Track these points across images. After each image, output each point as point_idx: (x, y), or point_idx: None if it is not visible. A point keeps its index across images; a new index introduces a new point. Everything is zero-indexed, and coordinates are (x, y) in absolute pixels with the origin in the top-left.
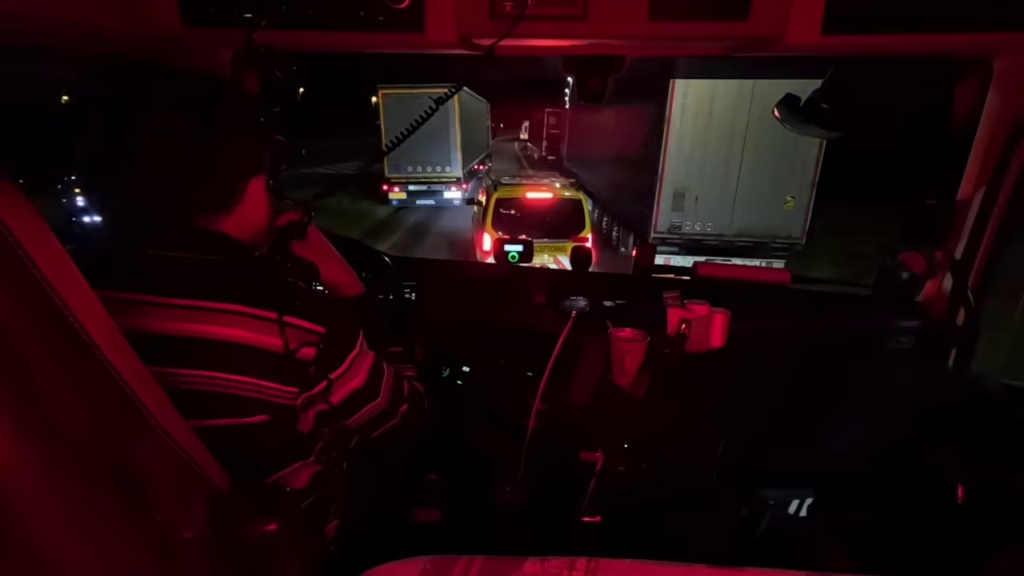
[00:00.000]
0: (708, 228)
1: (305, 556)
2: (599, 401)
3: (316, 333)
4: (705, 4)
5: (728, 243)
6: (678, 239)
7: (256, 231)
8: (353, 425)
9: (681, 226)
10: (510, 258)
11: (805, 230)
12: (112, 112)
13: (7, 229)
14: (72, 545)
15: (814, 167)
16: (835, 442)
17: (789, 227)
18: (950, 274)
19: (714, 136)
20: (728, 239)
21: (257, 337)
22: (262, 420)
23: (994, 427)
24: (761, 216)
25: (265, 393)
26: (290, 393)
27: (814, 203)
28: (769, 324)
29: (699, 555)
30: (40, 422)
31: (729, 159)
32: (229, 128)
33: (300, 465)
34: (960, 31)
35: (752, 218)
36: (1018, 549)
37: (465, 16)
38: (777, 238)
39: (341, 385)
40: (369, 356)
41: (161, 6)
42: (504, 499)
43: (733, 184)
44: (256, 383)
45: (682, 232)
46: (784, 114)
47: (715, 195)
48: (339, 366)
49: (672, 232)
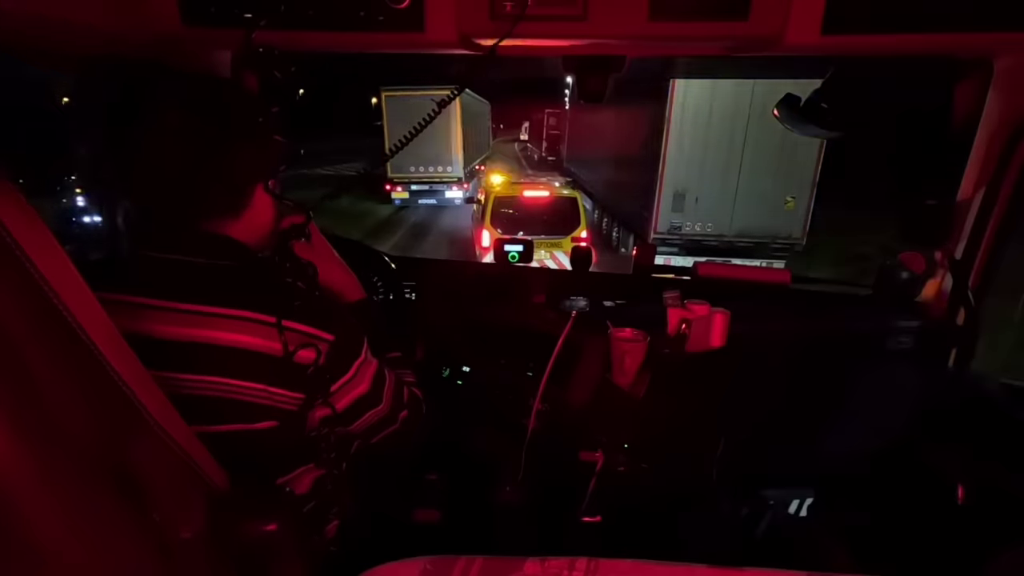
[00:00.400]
0: (708, 229)
1: (305, 556)
2: (599, 401)
3: (325, 340)
4: (705, 4)
5: (728, 244)
6: (678, 240)
7: (262, 234)
8: (355, 431)
9: (681, 227)
10: (510, 258)
11: (806, 230)
12: (117, 112)
13: (6, 230)
14: (71, 545)
15: (814, 167)
16: (835, 442)
17: (790, 227)
18: (950, 274)
19: (714, 136)
20: (728, 240)
21: (265, 343)
22: (270, 426)
23: (994, 427)
24: (761, 216)
25: (273, 399)
26: (297, 399)
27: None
28: (769, 324)
29: (699, 555)
30: (39, 422)
31: (729, 159)
32: (240, 131)
33: (304, 470)
34: (960, 31)
35: (752, 219)
36: (1018, 549)
37: (465, 16)
38: (777, 239)
39: (346, 392)
40: (373, 363)
41: (161, 6)
42: (504, 499)
43: (733, 184)
44: (265, 389)
45: (682, 233)
46: (784, 114)
47: (715, 195)
48: (346, 373)
49: (672, 233)
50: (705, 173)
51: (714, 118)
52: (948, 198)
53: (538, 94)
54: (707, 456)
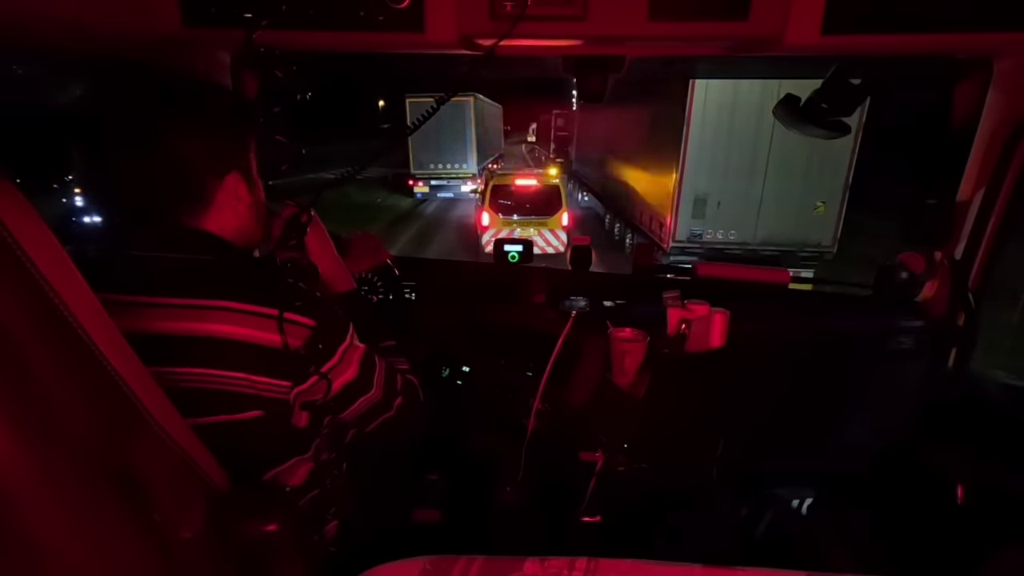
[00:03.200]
0: (731, 236)
1: (305, 556)
2: (599, 401)
3: (307, 326)
4: (705, 4)
5: (752, 252)
6: (699, 248)
7: (241, 227)
8: (348, 419)
9: (702, 234)
10: (510, 258)
11: (836, 237)
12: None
13: (6, 229)
14: (72, 545)
15: (846, 170)
16: (835, 442)
17: (819, 234)
18: (950, 274)
19: (737, 138)
20: (752, 248)
21: (249, 332)
22: (256, 416)
23: (994, 427)
24: (788, 223)
25: (256, 388)
26: (282, 387)
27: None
28: (769, 324)
29: (699, 555)
30: (40, 422)
31: (754, 162)
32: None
33: (297, 461)
34: (960, 31)
35: (779, 225)
36: (1018, 549)
37: (465, 16)
38: (806, 246)
39: (333, 378)
40: (360, 348)
41: (162, 7)
42: (504, 499)
43: (758, 189)
44: (246, 378)
45: (703, 241)
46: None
47: (739, 201)
48: (330, 359)
49: (692, 241)
50: (728, 177)
51: (737, 119)
52: (948, 198)
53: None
54: (707, 456)
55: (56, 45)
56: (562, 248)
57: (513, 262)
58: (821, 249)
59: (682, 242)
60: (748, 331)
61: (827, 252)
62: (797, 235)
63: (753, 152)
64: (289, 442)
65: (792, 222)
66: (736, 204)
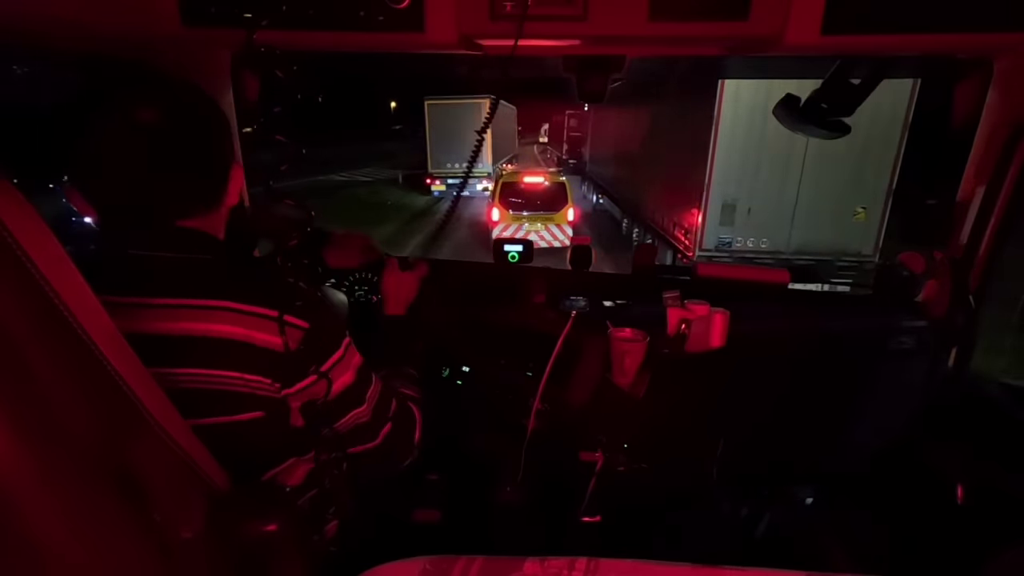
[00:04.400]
0: (763, 245)
1: (305, 556)
2: (599, 401)
3: (299, 328)
4: (705, 4)
5: (785, 262)
6: (727, 257)
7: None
8: (341, 430)
9: (731, 243)
10: (510, 258)
11: (879, 246)
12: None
13: (6, 229)
14: (72, 546)
15: (891, 172)
16: (835, 441)
17: (859, 243)
18: (950, 274)
19: (770, 140)
20: (786, 257)
21: (247, 333)
22: (255, 417)
23: (994, 427)
24: (825, 230)
25: (253, 388)
26: (279, 387)
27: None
28: (769, 324)
29: (699, 555)
30: (41, 423)
31: (788, 165)
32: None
33: (295, 461)
34: (960, 31)
35: (815, 233)
36: (1018, 549)
37: (465, 16)
38: (844, 256)
39: (334, 378)
40: (356, 357)
41: (161, 6)
42: (504, 499)
43: (792, 194)
44: (245, 378)
45: (732, 249)
46: (782, 114)
47: (771, 207)
48: (326, 360)
49: (721, 249)
50: (759, 181)
51: (771, 120)
52: (948, 198)
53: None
54: (707, 456)
55: (55, 45)
56: (568, 242)
57: (513, 262)
58: (861, 258)
59: (710, 251)
60: (748, 331)
61: (868, 261)
62: (835, 243)
63: (787, 154)
64: (288, 443)
65: (829, 229)
66: (768, 210)
